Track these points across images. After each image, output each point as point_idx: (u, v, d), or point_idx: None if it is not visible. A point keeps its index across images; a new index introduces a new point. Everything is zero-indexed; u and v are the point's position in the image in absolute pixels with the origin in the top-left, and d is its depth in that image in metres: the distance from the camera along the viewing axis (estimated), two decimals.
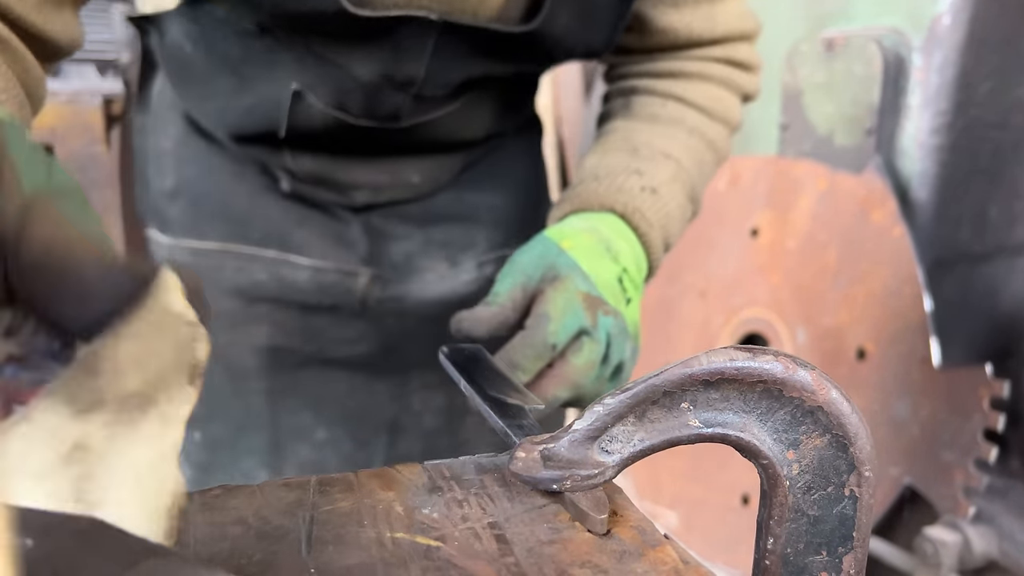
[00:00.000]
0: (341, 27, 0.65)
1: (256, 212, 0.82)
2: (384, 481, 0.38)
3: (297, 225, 0.82)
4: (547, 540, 0.34)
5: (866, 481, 0.33)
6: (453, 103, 0.76)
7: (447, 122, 0.77)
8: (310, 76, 0.71)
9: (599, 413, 0.35)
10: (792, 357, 0.34)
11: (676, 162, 0.72)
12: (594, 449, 0.35)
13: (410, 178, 0.82)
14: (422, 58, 0.69)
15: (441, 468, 0.40)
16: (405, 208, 0.84)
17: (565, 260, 0.61)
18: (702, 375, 0.34)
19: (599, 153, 0.74)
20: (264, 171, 0.81)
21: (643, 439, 0.35)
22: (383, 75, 0.70)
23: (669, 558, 0.33)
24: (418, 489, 0.38)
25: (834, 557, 0.34)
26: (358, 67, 0.69)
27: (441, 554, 0.33)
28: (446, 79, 0.72)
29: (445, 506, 0.36)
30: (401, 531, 0.34)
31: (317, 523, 0.35)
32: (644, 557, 0.33)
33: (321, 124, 0.74)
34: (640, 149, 0.73)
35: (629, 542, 0.34)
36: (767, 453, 0.33)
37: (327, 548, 0.33)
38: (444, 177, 0.84)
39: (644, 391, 0.35)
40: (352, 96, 0.72)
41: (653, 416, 0.35)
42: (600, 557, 0.33)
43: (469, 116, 0.79)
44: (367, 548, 0.33)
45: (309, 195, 0.81)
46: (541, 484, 0.36)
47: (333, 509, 0.36)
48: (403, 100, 0.72)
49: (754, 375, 0.34)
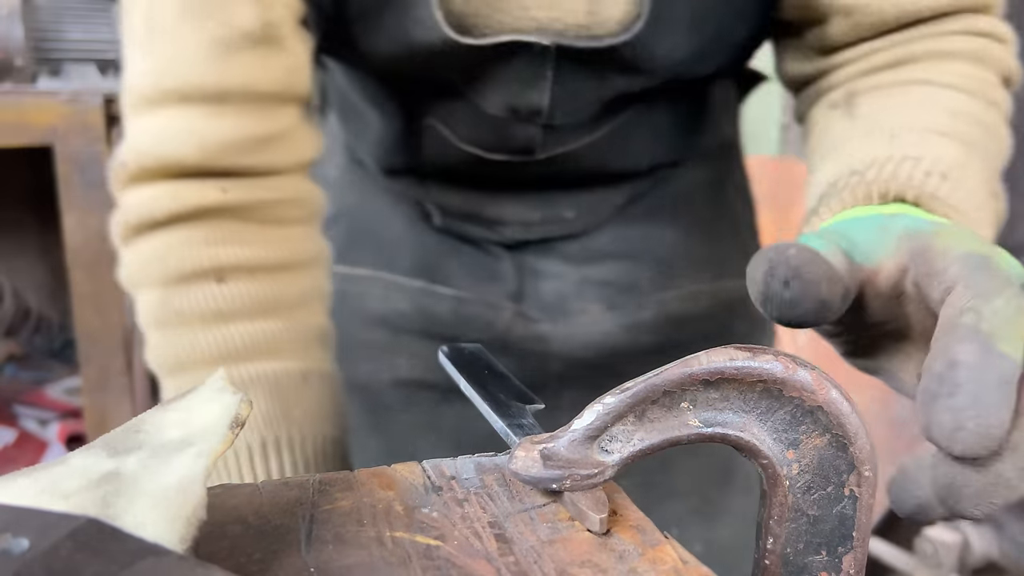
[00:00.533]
0: (454, 59, 0.62)
1: (407, 243, 0.80)
2: (384, 480, 0.38)
3: (446, 257, 0.79)
4: (547, 539, 0.34)
5: (866, 481, 0.33)
6: (595, 131, 0.70)
7: (594, 152, 0.71)
8: (442, 111, 0.69)
9: (599, 412, 0.35)
10: (792, 356, 0.34)
11: (956, 142, 0.52)
12: (594, 448, 0.35)
13: (563, 213, 0.76)
14: (543, 86, 0.64)
15: (441, 467, 0.40)
16: (561, 245, 0.78)
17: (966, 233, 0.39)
18: (702, 374, 0.34)
19: (835, 156, 0.55)
20: (417, 204, 0.79)
21: (643, 439, 0.35)
22: (507, 107, 0.66)
23: (669, 557, 0.33)
24: (418, 488, 0.38)
25: (834, 557, 0.34)
26: (482, 100, 0.66)
27: (441, 553, 0.33)
28: (575, 106, 0.66)
29: (445, 505, 0.36)
30: (401, 530, 0.34)
31: (317, 522, 0.35)
32: (644, 557, 0.33)
33: (457, 159, 0.71)
34: (899, 134, 0.53)
35: (629, 541, 0.34)
36: (767, 453, 0.33)
37: (327, 547, 0.33)
38: (604, 212, 0.77)
39: (644, 390, 0.35)
40: (482, 130, 0.69)
41: (653, 416, 0.35)
42: (600, 556, 0.33)
43: (621, 144, 0.72)
44: (367, 547, 0.33)
45: (459, 230, 0.79)
46: (540, 483, 0.36)
47: (333, 508, 0.36)
48: (534, 132, 0.68)
49: (754, 375, 0.34)
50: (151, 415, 0.34)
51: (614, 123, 0.69)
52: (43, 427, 1.59)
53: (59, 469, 0.30)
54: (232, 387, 0.34)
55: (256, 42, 0.56)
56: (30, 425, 1.59)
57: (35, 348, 1.76)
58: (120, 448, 0.32)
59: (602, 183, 0.75)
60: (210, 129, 0.56)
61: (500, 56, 0.62)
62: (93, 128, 1.23)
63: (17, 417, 1.60)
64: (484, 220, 0.77)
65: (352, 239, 0.82)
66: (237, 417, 0.32)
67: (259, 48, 0.56)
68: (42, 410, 1.63)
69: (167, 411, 0.34)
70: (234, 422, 0.32)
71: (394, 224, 0.81)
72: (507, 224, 0.77)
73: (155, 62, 0.56)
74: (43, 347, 1.76)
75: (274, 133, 0.59)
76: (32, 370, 1.75)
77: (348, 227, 0.82)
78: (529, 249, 0.78)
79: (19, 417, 1.60)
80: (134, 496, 0.29)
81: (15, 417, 1.60)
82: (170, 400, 0.34)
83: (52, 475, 0.30)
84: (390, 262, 0.80)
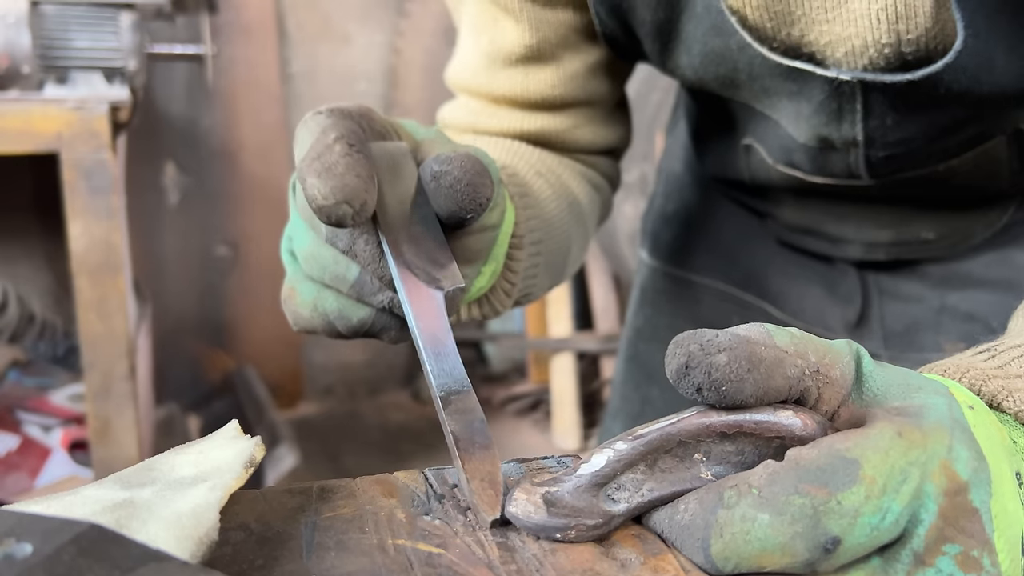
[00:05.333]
0: (754, 75, 0.59)
1: (742, 252, 0.78)
2: (386, 488, 0.38)
3: (781, 274, 0.75)
4: (549, 548, 0.34)
5: None
6: (940, 160, 0.61)
7: (956, 176, 0.62)
8: (758, 131, 0.66)
9: (609, 458, 0.33)
10: (807, 411, 0.33)
11: None
12: (600, 496, 0.34)
13: (921, 234, 0.68)
14: (853, 119, 0.58)
15: (443, 475, 0.39)
16: (920, 265, 0.70)
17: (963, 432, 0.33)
18: (720, 427, 0.33)
19: None
20: (755, 213, 0.77)
21: (652, 489, 0.34)
22: (817, 137, 0.61)
23: (671, 566, 0.33)
24: (420, 496, 0.38)
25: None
26: (792, 128, 0.62)
27: (443, 561, 0.33)
28: (901, 136, 0.58)
29: (447, 513, 0.36)
30: (402, 538, 0.34)
31: (319, 529, 0.35)
32: (645, 565, 0.33)
33: (779, 178, 0.67)
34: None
35: (631, 550, 0.34)
36: None
37: (328, 554, 0.33)
38: (976, 233, 0.67)
39: (659, 439, 0.33)
40: (797, 155, 0.64)
41: (664, 466, 0.34)
42: (601, 565, 0.33)
43: (989, 167, 0.62)
44: (368, 554, 0.33)
45: (799, 243, 0.74)
46: (543, 532, 0.34)
47: (335, 515, 0.36)
48: (854, 160, 0.61)
49: (772, 430, 0.33)
50: (163, 457, 0.35)
51: (978, 149, 0.60)
52: (46, 433, 1.59)
53: (71, 498, 0.31)
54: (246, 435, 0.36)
55: (519, 60, 0.65)
56: (33, 431, 1.59)
57: (39, 354, 1.77)
58: (134, 483, 0.33)
59: (974, 205, 0.66)
60: (484, 119, 0.67)
61: (799, 84, 0.58)
62: (99, 135, 1.23)
63: (20, 423, 1.60)
64: (826, 236, 0.71)
65: (688, 240, 0.81)
66: (252, 458, 0.34)
67: (523, 64, 0.65)
68: (45, 416, 1.63)
69: (179, 454, 0.35)
70: (249, 462, 0.34)
71: (730, 231, 0.79)
72: (850, 243, 0.70)
73: (455, 61, 0.70)
74: (47, 353, 1.76)
75: (548, 132, 0.67)
76: (36, 376, 1.75)
77: (686, 226, 0.81)
78: (881, 267, 0.71)
79: (22, 423, 1.60)
80: (147, 520, 0.29)
81: (18, 423, 1.60)
82: (181, 446, 0.36)
83: (64, 503, 0.30)
84: (724, 271, 0.78)
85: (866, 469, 0.30)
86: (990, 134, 0.60)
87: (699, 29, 0.58)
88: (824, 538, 0.30)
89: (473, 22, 0.66)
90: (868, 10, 0.52)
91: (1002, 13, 0.50)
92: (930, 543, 0.31)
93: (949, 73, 0.52)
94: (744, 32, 0.56)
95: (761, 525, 0.30)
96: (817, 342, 0.35)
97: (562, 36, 0.64)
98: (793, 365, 0.34)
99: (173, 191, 2.23)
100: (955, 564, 0.31)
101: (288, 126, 2.28)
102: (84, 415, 1.41)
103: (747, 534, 0.31)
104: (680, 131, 0.83)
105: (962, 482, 0.31)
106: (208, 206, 2.27)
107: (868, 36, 0.54)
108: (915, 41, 0.53)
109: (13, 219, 1.86)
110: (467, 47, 0.68)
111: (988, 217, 0.66)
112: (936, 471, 0.31)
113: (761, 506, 0.31)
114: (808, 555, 0.30)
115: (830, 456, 0.31)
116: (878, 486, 0.30)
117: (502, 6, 0.63)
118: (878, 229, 0.69)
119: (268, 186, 2.27)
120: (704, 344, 0.33)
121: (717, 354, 0.32)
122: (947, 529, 0.31)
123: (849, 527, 0.30)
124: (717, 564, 0.32)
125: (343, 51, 2.34)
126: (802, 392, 0.34)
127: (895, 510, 0.30)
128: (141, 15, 1.41)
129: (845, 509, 0.30)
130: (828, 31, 0.55)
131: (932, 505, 0.31)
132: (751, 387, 0.32)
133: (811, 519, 0.30)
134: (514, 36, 0.64)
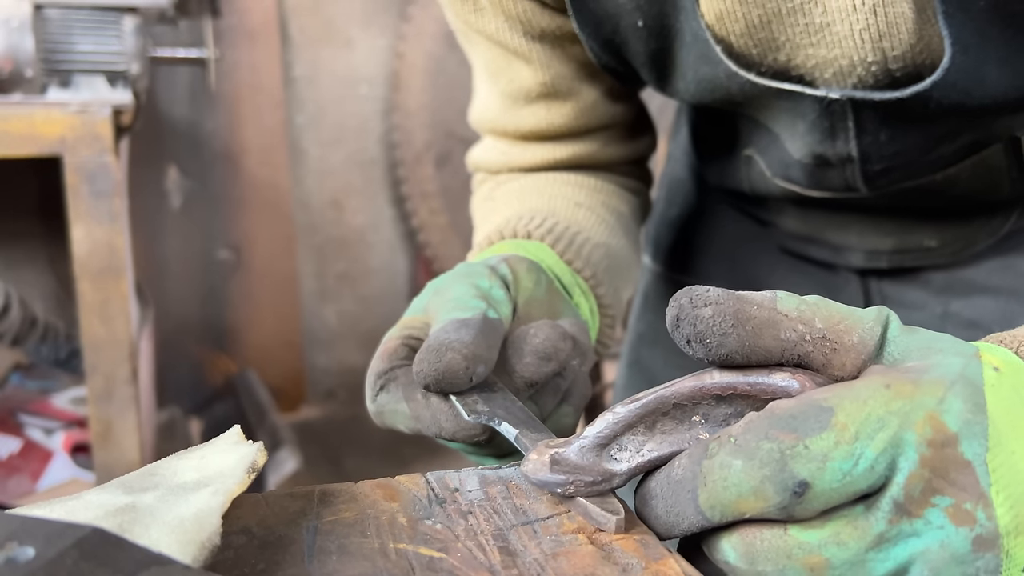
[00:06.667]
0: (747, 97, 0.59)
1: (745, 258, 0.78)
2: (387, 492, 0.38)
3: (784, 280, 0.75)
4: (551, 552, 0.34)
5: None
6: (937, 169, 0.61)
7: (954, 186, 0.62)
8: (760, 143, 0.66)
9: (609, 421, 0.35)
10: (809, 373, 0.34)
11: None
12: (603, 456, 0.36)
13: (923, 242, 0.68)
14: (846, 136, 0.58)
15: (445, 479, 0.39)
16: (923, 272, 0.70)
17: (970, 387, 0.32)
18: (714, 389, 0.34)
19: None
20: (757, 221, 0.77)
21: (652, 449, 0.35)
22: (812, 154, 0.61)
23: (672, 571, 0.33)
24: (421, 500, 0.38)
25: None
26: (789, 144, 0.62)
27: (444, 565, 0.33)
28: (895, 150, 0.58)
29: (448, 517, 0.36)
30: (404, 542, 0.34)
31: (320, 533, 0.35)
32: (647, 569, 0.33)
33: (777, 190, 0.67)
34: None
35: (632, 554, 0.34)
36: None
37: (330, 558, 0.33)
38: (979, 240, 0.67)
39: (653, 402, 0.35)
40: (793, 170, 0.64)
41: (664, 427, 0.35)
42: (603, 569, 0.33)
43: (987, 176, 0.62)
44: (370, 558, 0.33)
45: (800, 250, 0.74)
46: (546, 486, 0.36)
47: (336, 519, 0.36)
48: (851, 174, 0.61)
49: (768, 391, 0.34)
50: (166, 462, 0.35)
51: (975, 157, 0.60)
52: (48, 436, 1.59)
53: (74, 503, 0.31)
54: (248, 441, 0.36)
55: (538, 97, 0.67)
56: (35, 434, 1.59)
57: (41, 357, 1.77)
58: (136, 487, 0.33)
59: (976, 213, 0.66)
60: (516, 156, 0.71)
61: (792, 102, 0.58)
62: (102, 139, 1.23)
63: (22, 426, 1.60)
64: (828, 244, 0.71)
65: (689, 245, 0.82)
66: (254, 464, 0.34)
67: (543, 100, 0.68)
68: (47, 419, 1.63)
69: (182, 459, 0.35)
70: (251, 467, 0.34)
71: (730, 237, 0.79)
72: (853, 251, 0.70)
73: (476, 104, 0.74)
74: (49, 356, 1.76)
75: (579, 157, 0.70)
76: (38, 379, 1.75)
77: (688, 231, 0.82)
78: (883, 274, 0.71)
79: (24, 426, 1.60)
80: (150, 524, 0.29)
81: (20, 426, 1.60)
82: (184, 451, 0.36)
83: (67, 507, 0.31)
84: (723, 276, 0.78)
85: (839, 416, 0.31)
86: (986, 142, 0.60)
87: (690, 56, 0.59)
88: (791, 481, 0.31)
89: (487, 66, 0.69)
90: (851, 31, 0.53)
91: (993, 26, 0.49)
92: (914, 493, 0.31)
93: (939, 89, 0.52)
94: (729, 61, 0.56)
95: (735, 471, 0.32)
96: (834, 308, 0.35)
97: (574, 71, 0.67)
98: (791, 329, 0.34)
99: (175, 195, 2.23)
100: (946, 516, 0.31)
101: (290, 130, 2.28)
102: (86, 418, 1.42)
103: (725, 480, 0.32)
104: (682, 137, 0.84)
105: (950, 433, 0.31)
106: (210, 210, 2.27)
107: (854, 56, 0.54)
108: (901, 58, 0.53)
109: (16, 222, 1.87)
110: (485, 91, 0.72)
111: (991, 225, 0.66)
112: (920, 421, 0.31)
113: (735, 452, 0.32)
114: (778, 498, 0.31)
115: (805, 405, 0.32)
116: (850, 432, 0.31)
117: (512, 50, 0.65)
118: (880, 237, 0.69)
119: (270, 190, 2.27)
120: (693, 297, 0.34)
121: (703, 307, 0.34)
122: (935, 480, 0.31)
123: (818, 471, 0.31)
124: (706, 514, 0.33)
125: (345, 55, 2.35)
126: (802, 356, 0.34)
127: (868, 456, 0.31)
128: (144, 19, 1.41)
129: (812, 453, 0.31)
130: (814, 54, 0.55)
131: (913, 454, 0.31)
132: (734, 342, 0.33)
133: (778, 463, 0.31)
134: (529, 76, 0.66)
